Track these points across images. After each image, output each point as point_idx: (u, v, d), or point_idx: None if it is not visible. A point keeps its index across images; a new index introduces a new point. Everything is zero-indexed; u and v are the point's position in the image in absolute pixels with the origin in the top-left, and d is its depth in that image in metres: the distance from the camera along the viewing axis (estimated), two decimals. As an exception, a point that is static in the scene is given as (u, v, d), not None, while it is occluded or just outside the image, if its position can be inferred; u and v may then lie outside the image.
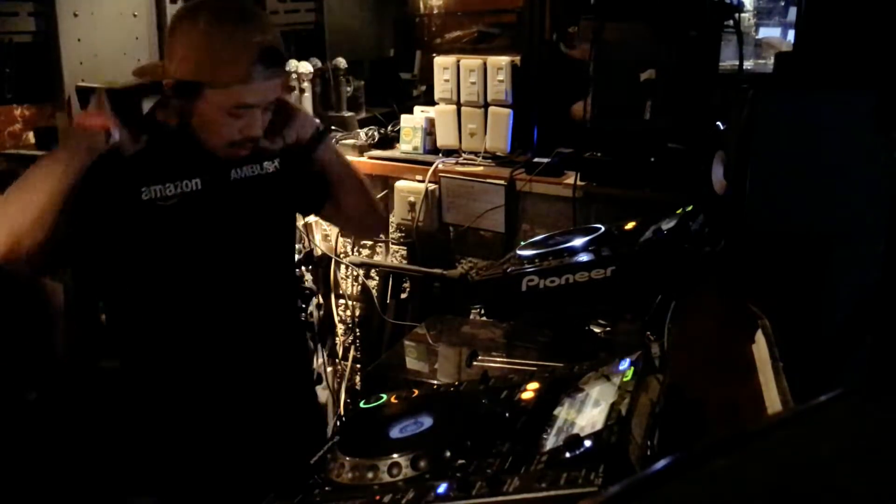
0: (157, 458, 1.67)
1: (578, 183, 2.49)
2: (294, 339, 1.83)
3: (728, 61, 2.59)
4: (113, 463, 2.41)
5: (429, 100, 2.98)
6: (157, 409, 1.65)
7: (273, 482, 1.06)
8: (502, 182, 2.68)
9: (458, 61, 2.72)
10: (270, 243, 1.74)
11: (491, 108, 2.70)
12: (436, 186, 2.80)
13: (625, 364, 1.06)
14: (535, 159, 2.67)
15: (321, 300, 3.06)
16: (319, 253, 3.07)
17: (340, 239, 3.07)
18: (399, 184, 2.86)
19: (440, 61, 2.76)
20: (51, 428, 2.57)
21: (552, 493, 0.79)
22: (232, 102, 1.48)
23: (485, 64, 2.68)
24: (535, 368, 1.36)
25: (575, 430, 0.92)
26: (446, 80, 2.74)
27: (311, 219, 3.03)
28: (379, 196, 2.95)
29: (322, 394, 2.89)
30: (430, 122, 2.86)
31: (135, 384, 1.69)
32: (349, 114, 3.16)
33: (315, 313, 3.01)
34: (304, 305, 2.86)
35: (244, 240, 1.65)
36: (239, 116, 1.50)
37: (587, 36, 2.43)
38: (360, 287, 3.10)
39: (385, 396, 1.22)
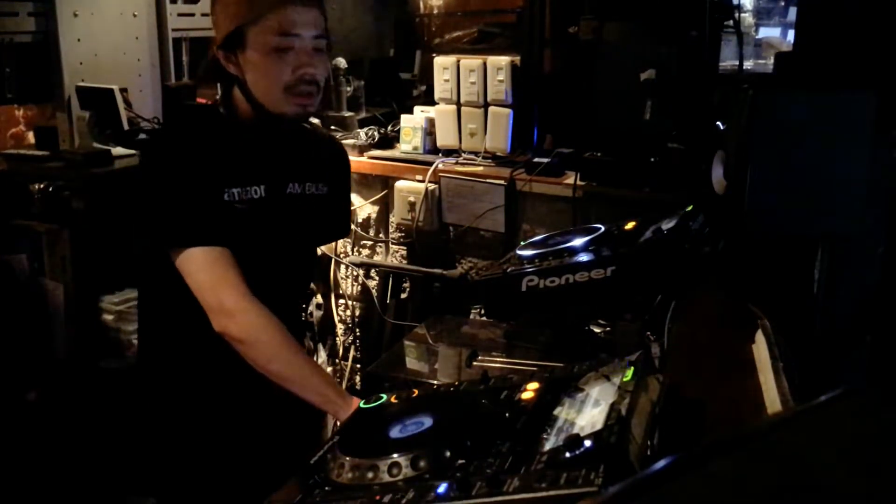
0: (160, 457, 1.68)
1: (578, 183, 2.49)
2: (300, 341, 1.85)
3: (728, 61, 2.59)
4: (113, 462, 2.42)
5: (429, 100, 2.98)
6: (166, 408, 1.66)
7: (273, 482, 1.06)
8: (502, 182, 2.68)
9: (458, 61, 2.72)
10: (303, 260, 1.80)
11: (491, 108, 2.70)
12: (436, 186, 2.80)
13: (625, 364, 1.06)
14: (535, 159, 2.67)
15: (321, 300, 3.06)
16: (319, 253, 3.07)
17: (340, 239, 3.07)
18: (399, 184, 2.86)
19: (440, 61, 2.76)
20: (51, 428, 2.57)
21: (552, 493, 0.79)
22: (273, 35, 1.50)
23: (485, 64, 2.68)
24: (535, 368, 1.36)
25: (575, 430, 0.92)
26: (446, 80, 2.74)
27: (311, 219, 3.03)
28: (379, 196, 2.96)
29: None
30: (430, 122, 2.86)
31: (148, 382, 1.71)
32: (349, 114, 3.17)
33: (315, 313, 3.01)
34: (304, 305, 2.87)
35: (286, 253, 1.69)
36: (286, 53, 1.51)
37: (587, 35, 2.43)
38: (360, 287, 3.10)
39: (385, 396, 1.22)
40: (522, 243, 1.88)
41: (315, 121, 2.81)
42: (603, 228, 1.72)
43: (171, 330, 1.65)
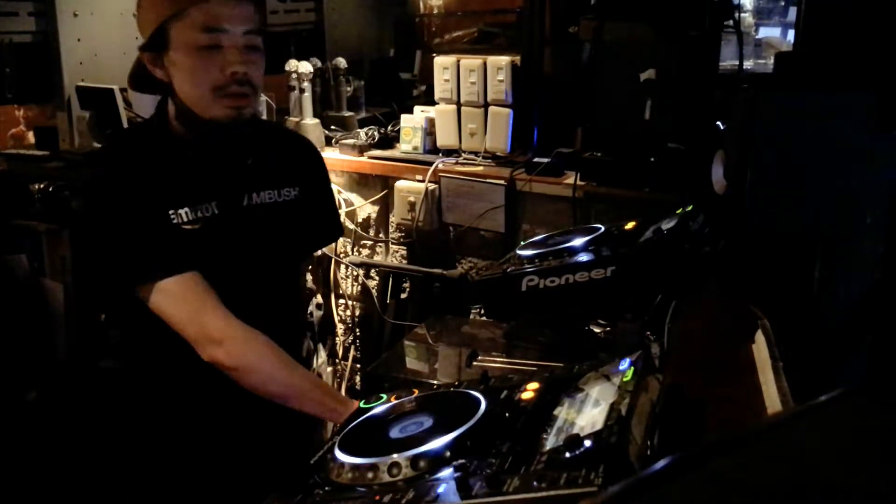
0: (155, 461, 1.65)
1: (578, 183, 2.49)
2: (297, 355, 1.79)
3: (728, 61, 2.59)
4: (111, 464, 2.41)
5: (429, 100, 2.98)
6: (158, 414, 1.62)
7: (271, 483, 1.06)
8: (502, 182, 2.68)
9: (458, 61, 2.72)
10: (283, 272, 1.68)
11: (491, 108, 2.70)
12: (436, 186, 2.80)
13: (625, 364, 1.06)
14: (535, 159, 2.67)
15: (321, 300, 3.06)
16: (319, 253, 3.07)
17: (340, 239, 3.07)
18: (399, 184, 2.86)
19: (440, 61, 2.76)
20: (51, 428, 2.57)
21: (552, 493, 0.79)
22: (197, 31, 1.38)
23: (485, 64, 2.68)
24: (535, 368, 1.36)
25: (575, 430, 0.92)
26: (446, 80, 2.74)
27: (311, 219, 3.03)
28: (379, 196, 2.96)
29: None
30: (430, 122, 2.86)
31: (137, 390, 1.65)
32: (349, 114, 3.17)
33: (315, 313, 3.01)
34: (303, 314, 2.87)
35: (257, 267, 1.57)
36: (213, 51, 1.39)
37: (587, 35, 2.43)
38: (360, 287, 3.10)
39: (385, 396, 1.22)
40: (522, 243, 1.88)
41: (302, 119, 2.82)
42: (603, 228, 1.72)
43: (156, 360, 1.57)
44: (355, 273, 3.08)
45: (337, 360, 3.19)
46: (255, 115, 1.60)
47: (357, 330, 3.15)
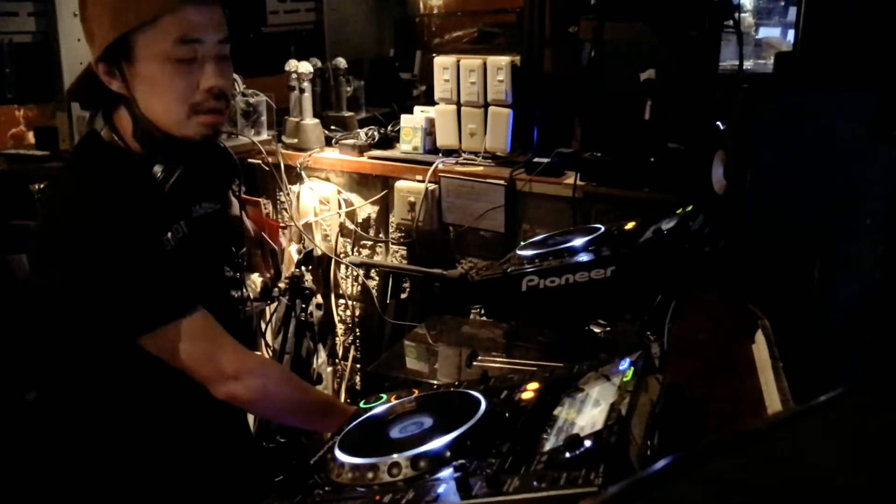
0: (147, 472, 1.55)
1: (578, 183, 2.49)
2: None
3: (728, 61, 2.59)
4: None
5: (429, 100, 2.98)
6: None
7: (269, 484, 1.05)
8: (502, 182, 2.68)
9: (458, 61, 2.72)
10: (222, 281, 1.62)
11: (491, 108, 2.70)
12: (436, 186, 2.80)
13: (625, 364, 1.06)
14: (535, 159, 2.67)
15: (321, 300, 3.06)
16: (319, 253, 3.07)
17: (340, 239, 3.07)
18: (399, 184, 2.86)
19: (440, 61, 2.76)
20: (51, 428, 2.56)
21: (552, 493, 0.79)
22: (171, 43, 1.26)
23: (485, 64, 2.68)
24: (535, 368, 1.36)
25: (575, 430, 0.92)
26: (446, 80, 2.74)
27: (312, 218, 3.03)
28: (379, 196, 2.96)
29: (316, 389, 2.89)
30: (430, 122, 2.86)
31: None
32: (349, 114, 3.17)
33: (315, 313, 3.01)
34: (304, 305, 2.86)
35: (210, 280, 1.52)
36: (188, 64, 1.28)
37: (587, 35, 2.43)
38: (360, 287, 3.10)
39: (385, 396, 1.22)
40: (522, 243, 1.88)
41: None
42: (603, 228, 1.72)
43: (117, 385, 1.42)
44: (355, 273, 3.08)
45: (337, 360, 3.19)
46: None
47: (357, 330, 3.15)
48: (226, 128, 2.95)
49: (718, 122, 2.01)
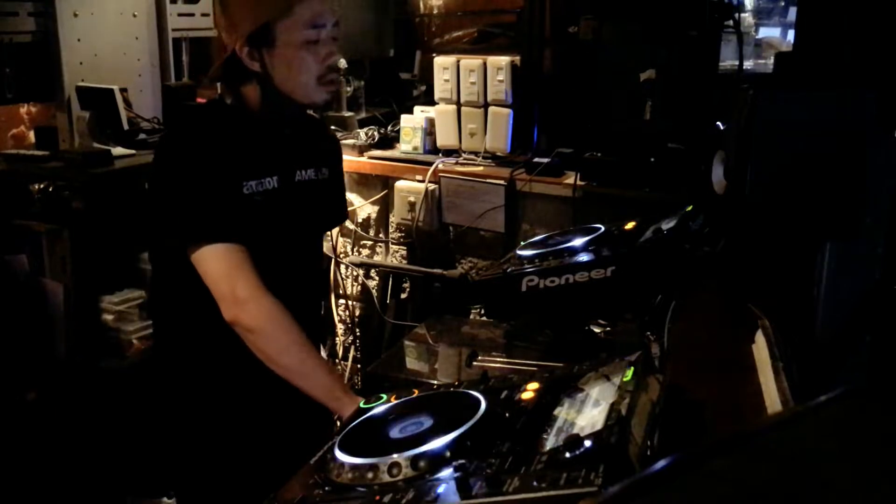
0: (175, 452, 1.71)
1: (578, 183, 2.49)
2: (318, 338, 1.93)
3: (728, 61, 2.59)
4: (113, 463, 2.42)
5: (429, 100, 2.98)
6: (179, 404, 1.69)
7: (284, 476, 1.06)
8: (502, 182, 2.68)
9: (458, 61, 2.72)
10: (316, 249, 1.86)
11: (491, 108, 2.70)
12: (436, 186, 2.80)
13: (625, 364, 1.06)
14: (535, 159, 2.67)
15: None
16: (319, 253, 3.07)
17: (340, 239, 3.07)
18: (399, 184, 2.86)
19: (440, 61, 2.76)
20: (51, 428, 2.57)
21: (552, 493, 0.79)
22: (304, 27, 1.52)
23: (485, 64, 2.68)
24: (535, 368, 1.36)
25: (575, 430, 0.92)
26: (446, 80, 2.74)
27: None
28: (379, 196, 2.96)
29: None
30: (430, 122, 2.86)
31: (161, 377, 1.73)
32: (349, 114, 3.17)
33: (315, 313, 3.01)
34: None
35: (303, 240, 1.75)
36: (315, 45, 1.54)
37: (587, 35, 2.43)
38: (360, 287, 3.10)
39: (385, 396, 1.21)
40: (522, 243, 1.88)
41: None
42: (603, 228, 1.72)
43: (183, 325, 1.67)
44: (355, 273, 3.08)
45: (337, 360, 3.19)
46: None
47: (357, 330, 3.15)
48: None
49: (718, 122, 2.01)
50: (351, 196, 3.01)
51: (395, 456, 0.95)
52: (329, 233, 3.05)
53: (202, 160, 1.53)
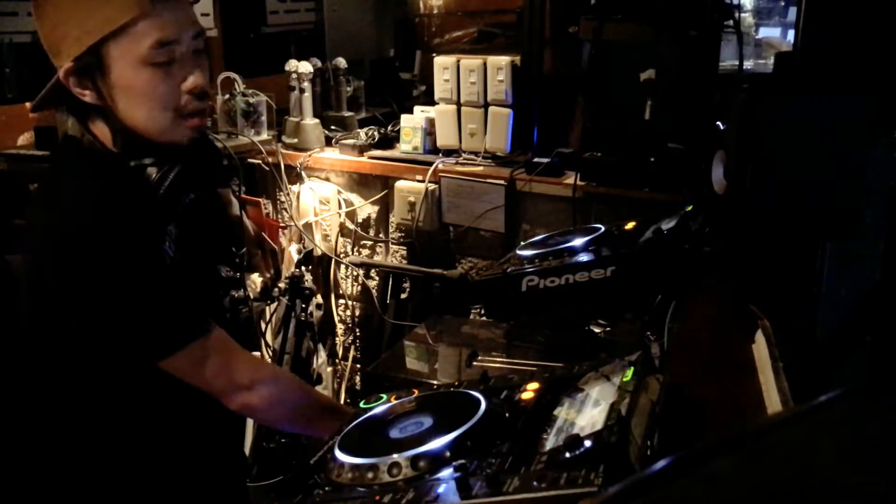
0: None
1: (578, 183, 2.49)
2: None
3: (728, 61, 2.59)
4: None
5: (429, 100, 2.98)
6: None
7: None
8: (502, 182, 2.68)
9: (458, 61, 2.72)
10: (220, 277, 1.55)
11: (491, 108, 2.70)
12: (436, 186, 2.80)
13: (625, 364, 1.06)
14: (535, 159, 2.67)
15: (321, 300, 3.06)
16: (319, 253, 3.07)
17: (340, 239, 3.07)
18: (399, 184, 2.86)
19: (440, 61, 2.76)
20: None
21: (552, 493, 0.79)
22: (148, 48, 1.19)
23: (485, 64, 2.68)
24: (535, 368, 1.36)
25: (575, 430, 0.92)
26: (446, 80, 2.74)
27: (312, 218, 3.03)
28: (379, 196, 2.96)
29: (322, 393, 2.89)
30: (430, 122, 2.86)
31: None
32: (349, 114, 3.17)
33: (315, 313, 3.01)
34: (304, 305, 2.86)
35: (206, 274, 1.49)
36: (166, 66, 1.22)
37: (587, 35, 2.43)
38: (360, 287, 3.10)
39: (385, 396, 1.22)
40: (522, 243, 1.88)
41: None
42: (603, 228, 1.72)
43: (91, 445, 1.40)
44: (355, 273, 3.08)
45: (337, 360, 3.19)
46: None
47: (357, 330, 3.15)
48: (225, 127, 2.95)
49: (718, 122, 2.01)
50: (351, 196, 3.01)
51: (395, 456, 0.95)
52: (329, 233, 3.05)
53: (121, 245, 1.20)
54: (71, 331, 1.27)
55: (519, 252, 1.73)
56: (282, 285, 2.85)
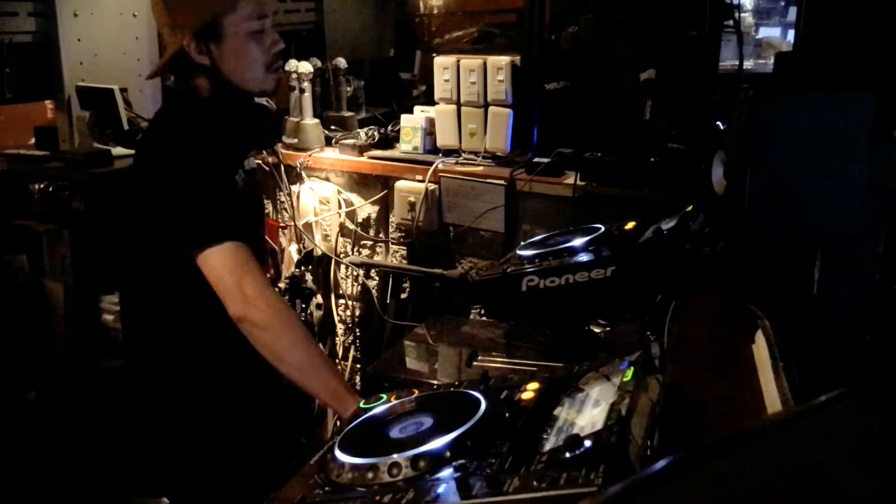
0: (166, 454, 1.70)
1: (578, 183, 2.49)
2: None
3: (728, 61, 2.59)
4: (113, 462, 2.42)
5: (429, 100, 2.98)
6: (168, 407, 1.68)
7: (275, 477, 1.06)
8: (502, 182, 2.68)
9: (458, 61, 2.72)
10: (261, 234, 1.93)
11: (491, 108, 2.70)
12: (436, 186, 2.80)
13: (625, 364, 1.06)
14: (535, 159, 2.67)
15: (321, 300, 3.06)
16: (319, 253, 3.07)
17: (340, 239, 3.07)
18: (399, 184, 2.86)
19: (440, 61, 2.76)
20: (51, 428, 2.57)
21: (552, 493, 0.79)
22: (250, 19, 1.58)
23: (485, 64, 2.67)
24: (535, 368, 1.36)
25: (575, 430, 0.92)
26: (446, 80, 2.74)
27: (312, 218, 3.03)
28: (379, 196, 2.96)
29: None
30: (430, 122, 2.86)
31: (144, 380, 1.73)
32: (349, 114, 3.17)
33: (315, 313, 3.01)
34: (304, 305, 2.87)
35: (258, 230, 1.83)
36: (260, 34, 1.60)
37: (587, 35, 2.43)
38: (360, 287, 3.10)
39: (385, 396, 1.22)
40: (522, 243, 1.88)
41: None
42: (603, 228, 1.72)
43: (176, 327, 1.66)
44: (355, 273, 3.08)
45: (337, 360, 3.19)
46: None
47: (357, 330, 3.15)
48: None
49: (718, 122, 2.01)
50: (351, 196, 3.01)
51: (395, 456, 0.95)
52: (329, 233, 3.05)
53: (202, 161, 1.55)
54: (156, 224, 1.58)
55: (519, 252, 1.73)
56: (282, 285, 2.85)
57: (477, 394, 1.07)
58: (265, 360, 1.52)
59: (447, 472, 0.91)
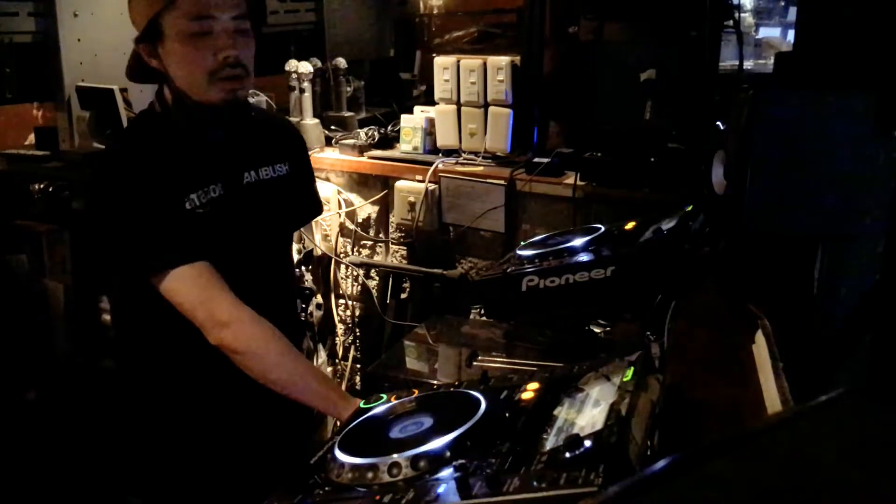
0: (155, 458, 1.67)
1: (578, 183, 2.49)
2: (296, 340, 1.83)
3: (728, 61, 2.59)
4: (111, 462, 2.41)
5: (429, 100, 2.98)
6: (157, 408, 1.65)
7: (272, 481, 1.06)
8: (502, 182, 2.68)
9: (458, 61, 2.72)
10: (280, 248, 1.78)
11: (491, 108, 2.70)
12: (436, 186, 2.80)
13: (625, 364, 1.06)
14: (535, 159, 2.67)
15: (321, 300, 3.06)
16: (319, 253, 3.07)
17: (340, 239, 3.07)
18: (399, 184, 2.86)
19: (440, 61, 2.76)
20: (51, 428, 2.57)
21: (552, 493, 0.79)
22: (188, 20, 1.44)
23: (485, 64, 2.68)
24: (535, 368, 1.36)
25: (575, 430, 0.92)
26: (446, 80, 2.74)
27: (311, 219, 3.03)
28: (379, 196, 2.96)
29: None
30: (430, 122, 2.86)
31: (136, 384, 1.68)
32: (349, 114, 3.17)
33: (315, 313, 3.01)
34: (304, 305, 2.86)
35: (260, 244, 1.66)
36: (204, 37, 1.45)
37: (587, 35, 2.43)
38: (360, 287, 3.10)
39: (385, 396, 1.22)
40: (522, 243, 1.88)
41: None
42: (603, 228, 1.72)
43: (155, 341, 1.60)
44: (355, 273, 3.08)
45: (337, 360, 3.19)
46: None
47: (357, 330, 3.15)
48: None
49: (718, 122, 2.01)
50: (351, 196, 3.01)
51: (395, 456, 0.95)
52: (329, 233, 3.05)
53: (140, 179, 1.47)
54: (106, 245, 1.54)
55: (519, 252, 1.73)
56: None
57: (477, 394, 1.07)
58: None
59: (447, 472, 0.91)
